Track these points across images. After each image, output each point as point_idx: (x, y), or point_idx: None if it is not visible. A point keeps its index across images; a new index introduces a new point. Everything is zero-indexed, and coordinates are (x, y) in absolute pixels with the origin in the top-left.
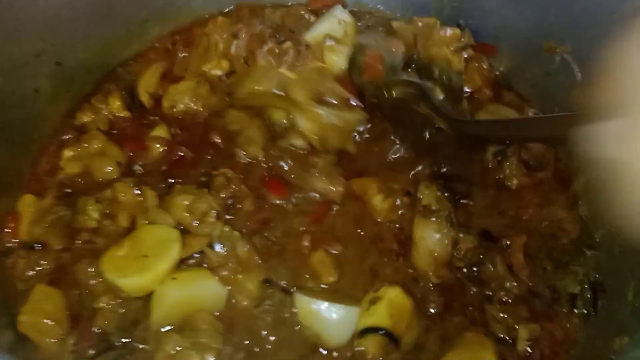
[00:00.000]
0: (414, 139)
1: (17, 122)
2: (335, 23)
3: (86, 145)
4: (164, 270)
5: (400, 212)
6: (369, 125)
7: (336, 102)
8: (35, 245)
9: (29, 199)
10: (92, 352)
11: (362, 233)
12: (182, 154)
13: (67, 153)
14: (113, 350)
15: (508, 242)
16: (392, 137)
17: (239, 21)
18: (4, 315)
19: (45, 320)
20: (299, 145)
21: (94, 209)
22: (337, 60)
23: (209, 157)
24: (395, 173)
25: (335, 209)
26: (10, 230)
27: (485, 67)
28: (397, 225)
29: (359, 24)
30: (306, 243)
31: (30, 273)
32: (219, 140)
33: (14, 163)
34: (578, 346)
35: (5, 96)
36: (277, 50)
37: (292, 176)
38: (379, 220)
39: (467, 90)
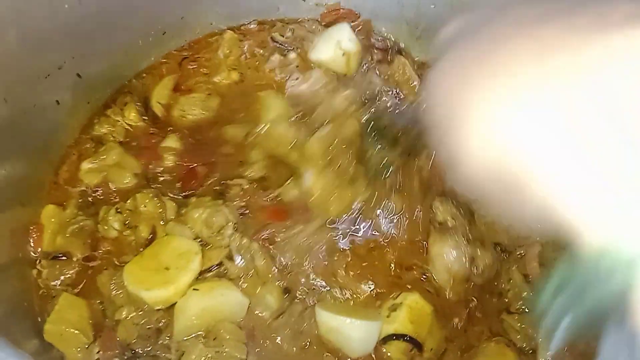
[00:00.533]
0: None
1: (38, 133)
2: (339, 54)
3: (104, 157)
4: (185, 283)
5: None
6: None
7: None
8: (59, 255)
9: (52, 209)
10: None
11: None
12: (195, 164)
13: (86, 165)
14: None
15: (522, 253)
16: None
17: (248, 33)
18: (30, 324)
19: (69, 329)
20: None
21: (114, 219)
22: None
23: (221, 167)
24: None
25: None
26: (34, 241)
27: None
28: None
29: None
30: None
31: (54, 283)
32: (232, 151)
33: (36, 173)
34: None
35: (27, 107)
36: (282, 59)
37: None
38: None
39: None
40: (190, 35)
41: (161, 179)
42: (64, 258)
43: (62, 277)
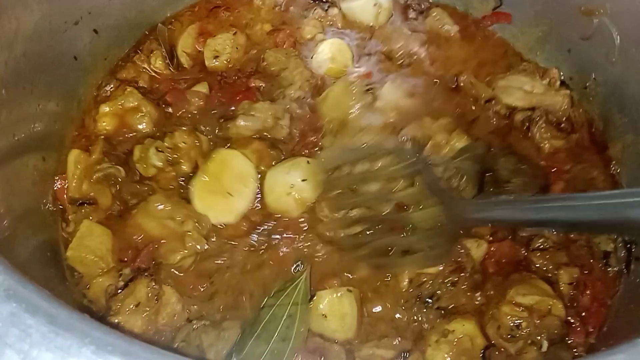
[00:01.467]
0: None
1: (59, 87)
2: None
3: (122, 101)
4: (244, 208)
5: None
6: None
7: None
8: (86, 201)
9: (77, 154)
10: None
11: None
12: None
13: (103, 109)
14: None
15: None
16: None
17: None
18: (54, 273)
19: (89, 256)
20: None
21: (157, 157)
22: None
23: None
24: None
25: None
26: (59, 191)
27: None
28: None
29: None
30: None
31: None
32: (262, 84)
33: (59, 121)
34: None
35: (45, 62)
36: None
37: None
38: None
39: None
40: None
41: (189, 117)
42: (90, 204)
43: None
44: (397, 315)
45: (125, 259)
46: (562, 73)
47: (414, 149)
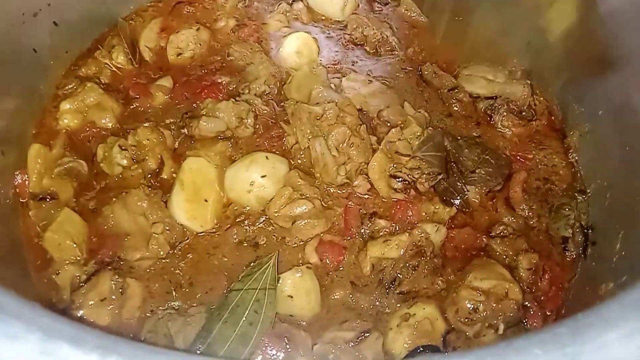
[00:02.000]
0: None
1: (17, 81)
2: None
3: (83, 97)
4: (217, 211)
5: None
6: None
7: None
8: (46, 196)
9: (37, 149)
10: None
11: None
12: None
13: (64, 106)
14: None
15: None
16: None
17: None
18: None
19: (68, 241)
20: None
21: (121, 156)
22: None
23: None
24: None
25: None
26: (20, 183)
27: None
28: None
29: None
30: None
31: (41, 224)
32: (227, 79)
33: (20, 116)
34: (572, 286)
35: (2, 53)
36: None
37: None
38: None
39: None
40: None
41: (152, 112)
42: (51, 199)
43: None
44: (359, 301)
45: (92, 249)
46: (522, 63)
47: None
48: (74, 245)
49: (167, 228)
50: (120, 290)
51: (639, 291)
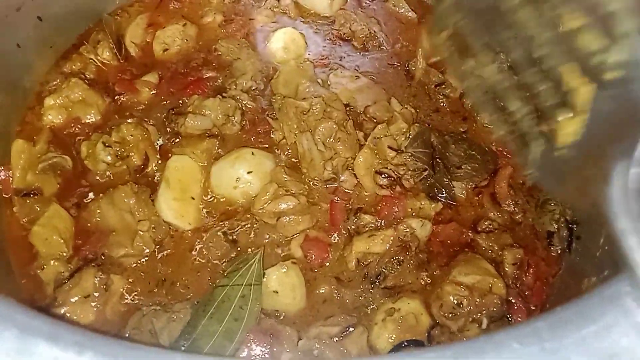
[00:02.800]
0: None
1: (2, 73)
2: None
3: (68, 93)
4: (207, 204)
5: None
6: None
7: None
8: (30, 192)
9: (21, 144)
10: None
11: None
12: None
13: (49, 101)
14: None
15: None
16: None
17: None
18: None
19: (55, 236)
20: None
21: (105, 153)
22: None
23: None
24: None
25: None
26: (4, 179)
27: None
28: None
29: None
30: None
31: (26, 219)
32: (213, 75)
33: (3, 112)
34: (556, 280)
35: None
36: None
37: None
38: None
39: None
40: None
41: (138, 108)
42: (35, 195)
43: (34, 215)
44: (344, 296)
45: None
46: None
47: None
48: (61, 241)
49: (153, 226)
50: (104, 286)
51: (618, 285)
